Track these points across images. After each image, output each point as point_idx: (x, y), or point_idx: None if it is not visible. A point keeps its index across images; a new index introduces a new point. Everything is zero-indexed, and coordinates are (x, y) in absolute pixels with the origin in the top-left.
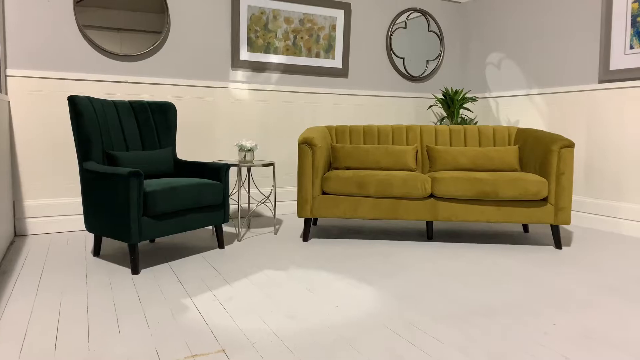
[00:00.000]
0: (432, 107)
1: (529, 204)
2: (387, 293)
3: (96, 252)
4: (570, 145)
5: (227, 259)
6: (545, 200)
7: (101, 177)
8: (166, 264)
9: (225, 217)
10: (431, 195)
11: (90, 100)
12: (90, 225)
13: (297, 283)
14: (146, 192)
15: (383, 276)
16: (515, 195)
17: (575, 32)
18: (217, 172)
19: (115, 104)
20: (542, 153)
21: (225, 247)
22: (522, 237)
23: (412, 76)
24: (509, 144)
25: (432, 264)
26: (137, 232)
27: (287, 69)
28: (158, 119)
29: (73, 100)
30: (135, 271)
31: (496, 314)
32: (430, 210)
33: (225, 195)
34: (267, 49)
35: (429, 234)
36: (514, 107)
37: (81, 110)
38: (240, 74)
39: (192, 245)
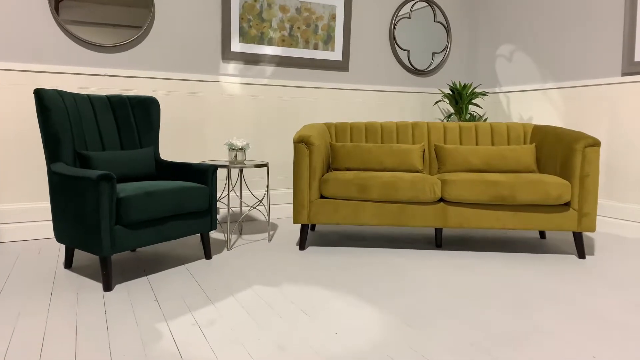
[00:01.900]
0: (439, 103)
1: (550, 209)
2: (394, 316)
3: (68, 264)
4: (595, 144)
5: (213, 272)
6: (567, 205)
7: (68, 180)
8: (145, 277)
9: (213, 224)
10: (441, 200)
11: (60, 94)
12: (59, 234)
13: (290, 303)
14: (119, 198)
15: (389, 294)
16: (534, 200)
17: (596, 20)
18: (202, 174)
19: (90, 99)
20: (563, 153)
21: (213, 257)
22: (539, 244)
23: (417, 70)
24: (525, 143)
25: (444, 278)
26: (109, 244)
27: (282, 62)
28: (139, 116)
29: (39, 94)
30: (107, 288)
31: (524, 344)
32: (439, 216)
33: (212, 200)
34: (261, 40)
35: (438, 241)
36: (526, 103)
37: (48, 105)
38: (232, 67)
39: (177, 254)
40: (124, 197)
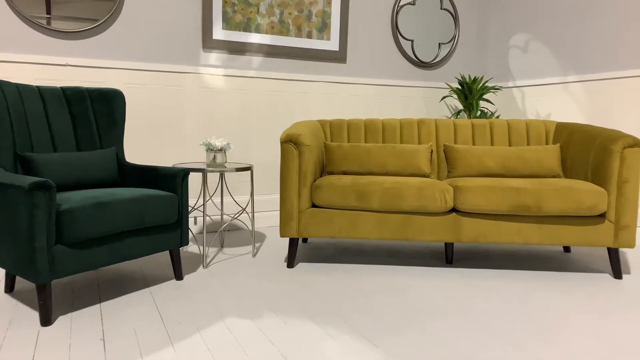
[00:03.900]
0: (446, 99)
1: (581, 221)
2: None
3: (8, 287)
4: (637, 144)
5: (180, 298)
6: (602, 216)
7: None
8: (98, 305)
9: (183, 239)
10: (453, 210)
11: None
12: None
13: (269, 343)
14: (61, 211)
15: (394, 329)
16: (564, 210)
17: (625, 3)
18: (171, 180)
19: (40, 91)
20: (596, 155)
21: (185, 277)
22: (564, 259)
23: (421, 62)
24: (547, 143)
25: (459, 306)
26: (47, 268)
27: (271, 51)
28: (99, 111)
29: None
30: (45, 322)
31: None
32: (451, 229)
33: (183, 211)
34: (247, 27)
35: (448, 257)
36: (544, 98)
37: None
38: (214, 57)
39: (144, 274)
40: (66, 209)
